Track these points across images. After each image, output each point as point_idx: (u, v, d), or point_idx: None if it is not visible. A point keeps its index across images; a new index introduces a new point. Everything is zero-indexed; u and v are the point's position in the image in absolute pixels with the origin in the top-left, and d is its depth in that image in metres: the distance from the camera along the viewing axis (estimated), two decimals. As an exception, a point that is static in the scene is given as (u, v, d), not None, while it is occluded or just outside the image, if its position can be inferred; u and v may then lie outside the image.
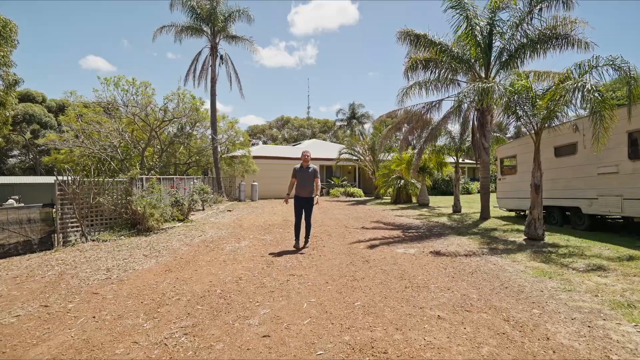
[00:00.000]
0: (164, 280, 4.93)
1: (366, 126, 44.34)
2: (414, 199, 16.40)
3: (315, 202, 6.50)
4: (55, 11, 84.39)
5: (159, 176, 12.34)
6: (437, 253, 6.02)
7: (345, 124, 48.75)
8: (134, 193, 9.63)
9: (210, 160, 18.46)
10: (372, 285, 4.37)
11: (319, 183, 6.62)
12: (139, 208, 9.34)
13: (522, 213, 10.43)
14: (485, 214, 9.58)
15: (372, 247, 6.77)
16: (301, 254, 6.36)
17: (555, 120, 6.54)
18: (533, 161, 6.76)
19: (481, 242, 6.82)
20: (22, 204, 14.47)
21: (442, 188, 23.71)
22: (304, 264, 5.58)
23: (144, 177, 10.63)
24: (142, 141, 17.43)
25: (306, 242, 6.75)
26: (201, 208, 14.52)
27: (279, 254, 6.34)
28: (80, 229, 8.45)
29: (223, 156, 19.52)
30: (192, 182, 14.77)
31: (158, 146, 16.92)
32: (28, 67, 74.13)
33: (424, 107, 10.13)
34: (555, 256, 5.44)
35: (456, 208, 11.83)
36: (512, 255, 5.63)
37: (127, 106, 16.10)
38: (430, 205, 15.03)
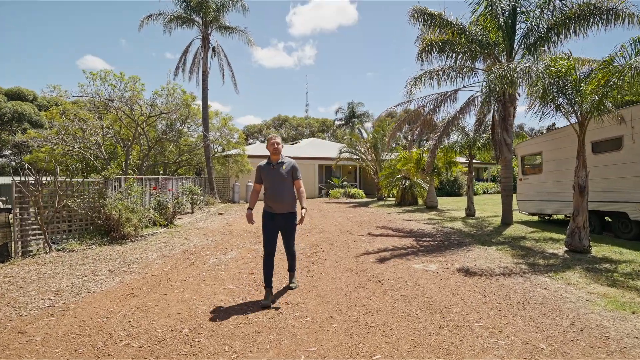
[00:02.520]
0: (120, 311, 3.79)
1: (366, 125, 43.27)
2: (420, 201, 15.30)
3: (298, 220, 3.94)
4: (54, 11, 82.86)
5: (140, 176, 11.19)
6: (466, 271, 4.90)
7: (344, 123, 47.63)
8: (108, 195, 8.48)
9: (202, 159, 17.30)
10: (392, 322, 3.24)
11: (303, 188, 4.05)
12: (113, 212, 8.20)
13: (546, 218, 9.34)
14: (507, 219, 8.47)
15: (383, 260, 5.64)
16: (295, 270, 5.22)
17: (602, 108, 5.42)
18: (577, 158, 5.66)
19: (514, 255, 5.70)
20: (9, 206, 13.30)
21: (447, 189, 22.62)
22: (302, 286, 4.46)
23: (121, 177, 9.47)
24: (128, 140, 16.25)
25: (291, 279, 4.47)
26: (190, 211, 13.38)
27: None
28: (43, 236, 7.29)
29: (216, 155, 18.36)
30: (180, 183, 13.61)
31: (145, 144, 15.76)
32: (27, 67, 72.75)
33: (437, 98, 9.03)
34: (620, 277, 4.32)
35: (470, 211, 10.73)
36: (562, 275, 4.51)
37: (111, 100, 14.93)
38: (438, 207, 13.91)
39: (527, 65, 5.31)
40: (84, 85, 15.38)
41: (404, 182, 14.84)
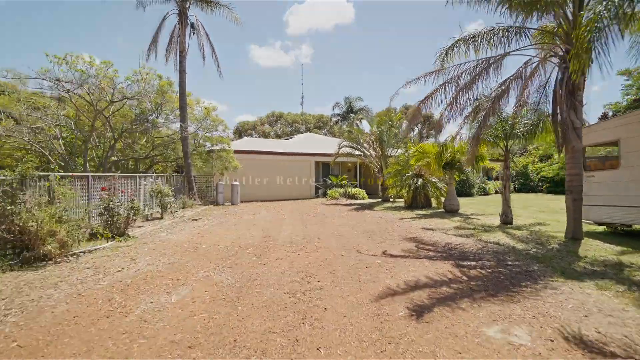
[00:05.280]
0: None
1: (365, 123, 40.92)
2: (433, 203, 13.02)
3: None
4: (48, 10, 79.09)
5: (85, 173, 8.85)
6: (588, 347, 2.61)
7: (342, 119, 45.35)
8: (24, 200, 6.13)
9: (180, 154, 14.90)
10: None
11: None
12: (30, 224, 5.88)
13: (619, 229, 7.03)
14: (576, 232, 6.16)
15: (421, 312, 3.36)
16: (275, 332, 2.93)
17: None
18: None
19: (644, 304, 3.42)
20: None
21: (458, 189, 20.35)
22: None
23: (53, 174, 7.10)
24: (90, 131, 13.81)
25: None
26: (159, 216, 11.02)
27: (236, 323, 2.94)
28: None
29: (197, 150, 15.98)
30: (148, 182, 11.25)
31: (111, 136, 13.32)
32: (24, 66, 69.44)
33: (476, 65, 6.74)
34: None
35: (506, 218, 8.47)
36: None
37: (70, 83, 12.52)
38: (460, 211, 11.61)
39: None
40: (48, 70, 12.97)
41: (415, 180, 12.56)
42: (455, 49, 6.98)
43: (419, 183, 12.52)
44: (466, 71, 6.86)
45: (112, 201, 7.89)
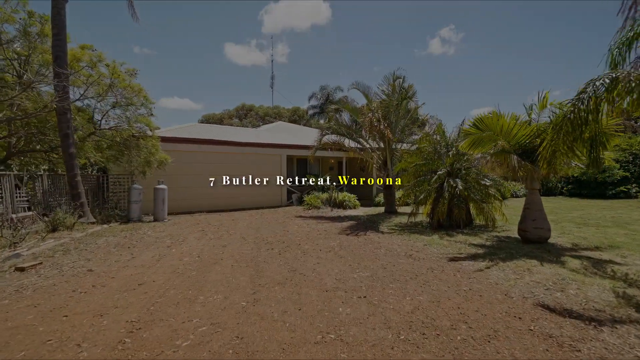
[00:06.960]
0: None
1: (345, 114, 35.93)
2: (477, 220, 8.08)
3: None
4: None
5: None
6: None
7: (319, 111, 40.28)
8: None
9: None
10: None
11: None
12: None
13: None
14: None
15: None
16: None
17: None
18: None
19: None
20: None
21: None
22: None
23: None
24: None
25: None
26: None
27: None
28: None
29: (96, 132, 10.15)
30: None
31: None
32: None
33: None
34: None
35: None
36: None
37: None
38: (556, 242, 6.42)
39: None
40: None
41: (453, 182, 7.53)
42: None
43: (460, 187, 7.47)
44: None
45: None
